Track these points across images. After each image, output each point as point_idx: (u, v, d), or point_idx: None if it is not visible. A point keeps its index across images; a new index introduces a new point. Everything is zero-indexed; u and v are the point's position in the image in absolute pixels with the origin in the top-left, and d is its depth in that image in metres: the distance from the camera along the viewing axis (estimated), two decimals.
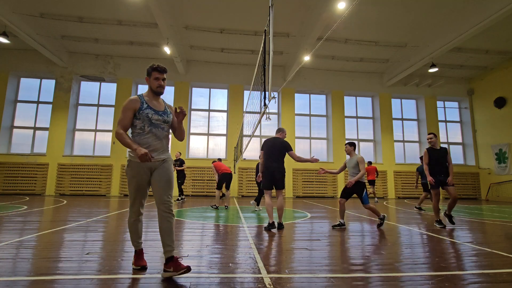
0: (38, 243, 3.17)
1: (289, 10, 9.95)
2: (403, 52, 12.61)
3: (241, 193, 13.23)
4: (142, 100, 2.24)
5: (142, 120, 2.21)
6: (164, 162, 2.32)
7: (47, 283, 1.99)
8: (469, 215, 6.88)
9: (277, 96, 14.23)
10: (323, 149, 14.72)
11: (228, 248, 3.12)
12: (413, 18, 10.27)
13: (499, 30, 10.60)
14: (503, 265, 2.59)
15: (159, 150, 2.28)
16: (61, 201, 8.90)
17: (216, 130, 14.27)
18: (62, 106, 12.96)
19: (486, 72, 14.24)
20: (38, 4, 9.95)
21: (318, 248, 3.19)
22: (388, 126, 14.73)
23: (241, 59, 13.52)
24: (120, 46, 12.51)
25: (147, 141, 2.22)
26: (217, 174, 7.83)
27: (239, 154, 9.91)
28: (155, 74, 2.29)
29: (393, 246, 3.38)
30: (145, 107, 2.23)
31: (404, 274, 2.31)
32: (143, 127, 2.22)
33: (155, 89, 2.31)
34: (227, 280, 2.11)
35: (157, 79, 2.29)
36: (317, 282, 2.10)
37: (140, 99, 2.25)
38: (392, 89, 14.96)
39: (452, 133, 15.59)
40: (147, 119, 2.21)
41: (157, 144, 2.26)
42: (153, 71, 2.29)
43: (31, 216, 5.36)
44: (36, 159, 12.50)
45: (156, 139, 2.25)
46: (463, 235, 4.11)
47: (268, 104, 3.63)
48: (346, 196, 4.79)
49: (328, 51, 12.65)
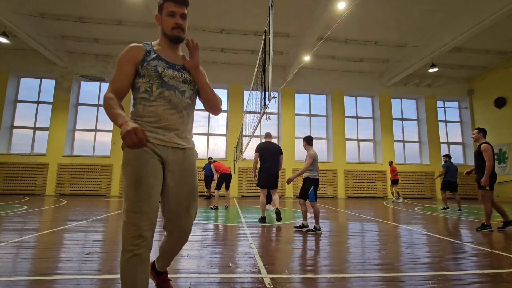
0: (38, 243, 3.17)
1: (289, 10, 9.95)
2: (403, 52, 12.61)
3: (241, 193, 13.22)
4: (147, 48, 1.44)
5: (148, 78, 1.39)
6: (186, 154, 1.46)
7: (47, 283, 1.99)
8: (469, 215, 6.88)
9: (277, 96, 14.23)
10: (323, 149, 14.72)
11: (228, 248, 3.11)
12: (413, 18, 10.27)
13: (499, 30, 10.60)
14: (503, 265, 2.59)
15: (176, 129, 1.42)
16: (61, 201, 8.90)
17: (216, 130, 14.27)
18: (62, 106, 12.96)
19: (486, 72, 14.23)
20: (38, 4, 9.95)
21: (318, 248, 3.19)
22: (388, 126, 14.73)
23: (241, 59, 13.52)
24: (120, 46, 12.50)
25: (154, 112, 1.38)
26: (216, 174, 7.84)
27: (239, 154, 9.91)
28: (169, 6, 1.43)
29: (393, 246, 3.37)
30: (153, 57, 1.42)
31: (404, 274, 2.31)
32: (149, 89, 1.39)
33: (169, 31, 1.46)
34: (227, 280, 2.10)
35: (172, 15, 1.44)
36: (317, 282, 2.10)
37: (145, 46, 1.45)
38: (392, 89, 14.95)
39: (452, 133, 15.59)
40: (155, 76, 1.39)
41: (172, 117, 1.40)
42: (165, 2, 1.44)
43: (31, 216, 5.36)
44: (36, 159, 12.50)
45: (170, 108, 1.40)
46: (463, 235, 4.11)
47: (268, 104, 3.63)
48: (302, 195, 4.40)
49: (328, 51, 12.65)
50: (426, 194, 14.19)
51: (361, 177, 14.06)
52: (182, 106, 1.44)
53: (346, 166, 14.08)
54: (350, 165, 14.18)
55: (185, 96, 1.45)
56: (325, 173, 13.82)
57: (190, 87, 1.50)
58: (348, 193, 13.82)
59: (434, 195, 14.20)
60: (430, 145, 14.71)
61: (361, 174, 14.09)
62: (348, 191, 13.85)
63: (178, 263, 2.51)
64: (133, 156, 1.32)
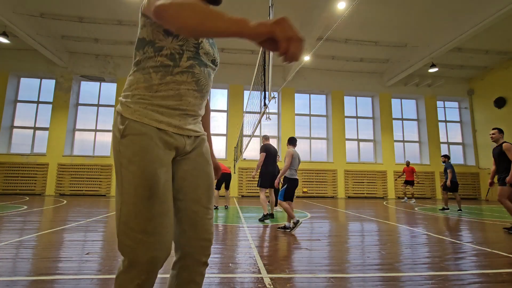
0: (38, 243, 3.17)
1: (289, 10, 9.95)
2: (403, 52, 12.61)
3: (241, 193, 13.22)
4: None
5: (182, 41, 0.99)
6: (202, 140, 1.15)
7: (47, 283, 1.99)
8: (469, 215, 6.88)
9: (277, 96, 14.23)
10: (323, 149, 14.72)
11: (228, 248, 3.11)
12: (413, 18, 10.27)
13: (499, 30, 10.60)
14: (503, 265, 2.59)
15: (195, 115, 1.09)
16: (61, 201, 8.90)
17: (216, 130, 14.28)
18: (62, 106, 12.96)
19: (486, 72, 14.24)
20: (38, 4, 9.95)
21: (318, 248, 3.19)
22: (388, 126, 14.73)
23: (241, 59, 13.52)
24: (120, 46, 12.50)
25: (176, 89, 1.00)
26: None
27: (239, 154, 9.91)
28: None
29: (393, 246, 3.37)
30: None
31: (404, 274, 2.31)
32: (179, 56, 1.00)
33: None
34: (227, 280, 2.10)
35: None
36: (317, 282, 2.10)
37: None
38: (392, 89, 14.96)
39: (452, 133, 15.59)
40: (193, 42, 1.01)
41: (195, 102, 1.06)
42: None
43: (31, 216, 5.36)
44: (36, 159, 12.50)
45: (196, 90, 1.04)
46: (463, 235, 4.11)
47: (268, 104, 3.63)
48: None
49: (328, 51, 12.65)
50: (426, 194, 14.19)
51: (361, 177, 14.06)
52: (206, 91, 1.10)
53: (346, 166, 14.08)
54: (350, 165, 14.18)
55: (211, 79, 1.12)
56: (325, 173, 13.83)
57: (215, 71, 1.17)
58: (348, 193, 13.82)
59: (434, 195, 14.20)
60: (430, 145, 14.71)
61: (361, 174, 14.09)
62: (348, 191, 13.85)
63: None
64: (141, 149, 0.92)
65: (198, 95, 1.06)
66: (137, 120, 0.95)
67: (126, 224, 0.90)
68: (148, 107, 0.97)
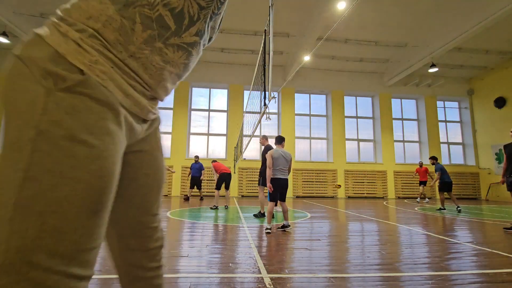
0: None
1: (289, 10, 9.95)
2: (403, 52, 12.61)
3: (241, 193, 13.22)
4: None
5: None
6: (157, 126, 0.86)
7: None
8: (469, 215, 6.88)
9: (277, 96, 14.23)
10: (323, 149, 14.72)
11: (228, 248, 3.12)
12: (413, 18, 10.27)
13: (499, 30, 10.60)
14: (503, 265, 2.59)
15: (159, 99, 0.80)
16: None
17: (216, 130, 14.28)
18: None
19: (486, 72, 14.24)
20: (38, 4, 9.95)
21: (318, 248, 3.19)
22: (388, 126, 14.73)
23: (241, 59, 13.52)
24: None
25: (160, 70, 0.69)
26: (216, 175, 7.84)
27: (239, 154, 9.91)
28: None
29: (393, 246, 3.38)
30: None
31: (404, 274, 2.31)
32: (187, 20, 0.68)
33: None
34: (227, 280, 2.10)
35: None
36: (317, 282, 2.10)
37: None
38: (392, 89, 14.96)
39: (452, 133, 15.59)
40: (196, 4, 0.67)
41: (170, 87, 0.79)
42: None
43: None
44: None
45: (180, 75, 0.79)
46: (463, 235, 4.11)
47: (268, 104, 3.63)
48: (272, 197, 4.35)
49: (328, 51, 12.65)
50: (426, 194, 14.18)
51: (361, 177, 14.06)
52: (184, 76, 0.82)
53: (346, 166, 14.08)
54: (350, 165, 14.18)
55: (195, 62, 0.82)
56: (325, 173, 13.83)
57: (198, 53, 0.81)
58: (348, 193, 13.83)
59: (434, 195, 14.20)
60: (430, 145, 14.71)
61: (361, 174, 14.09)
62: (348, 191, 13.85)
63: (178, 263, 2.51)
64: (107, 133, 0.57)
65: (177, 81, 0.80)
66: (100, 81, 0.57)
67: (34, 241, 0.50)
68: (115, 68, 0.61)
